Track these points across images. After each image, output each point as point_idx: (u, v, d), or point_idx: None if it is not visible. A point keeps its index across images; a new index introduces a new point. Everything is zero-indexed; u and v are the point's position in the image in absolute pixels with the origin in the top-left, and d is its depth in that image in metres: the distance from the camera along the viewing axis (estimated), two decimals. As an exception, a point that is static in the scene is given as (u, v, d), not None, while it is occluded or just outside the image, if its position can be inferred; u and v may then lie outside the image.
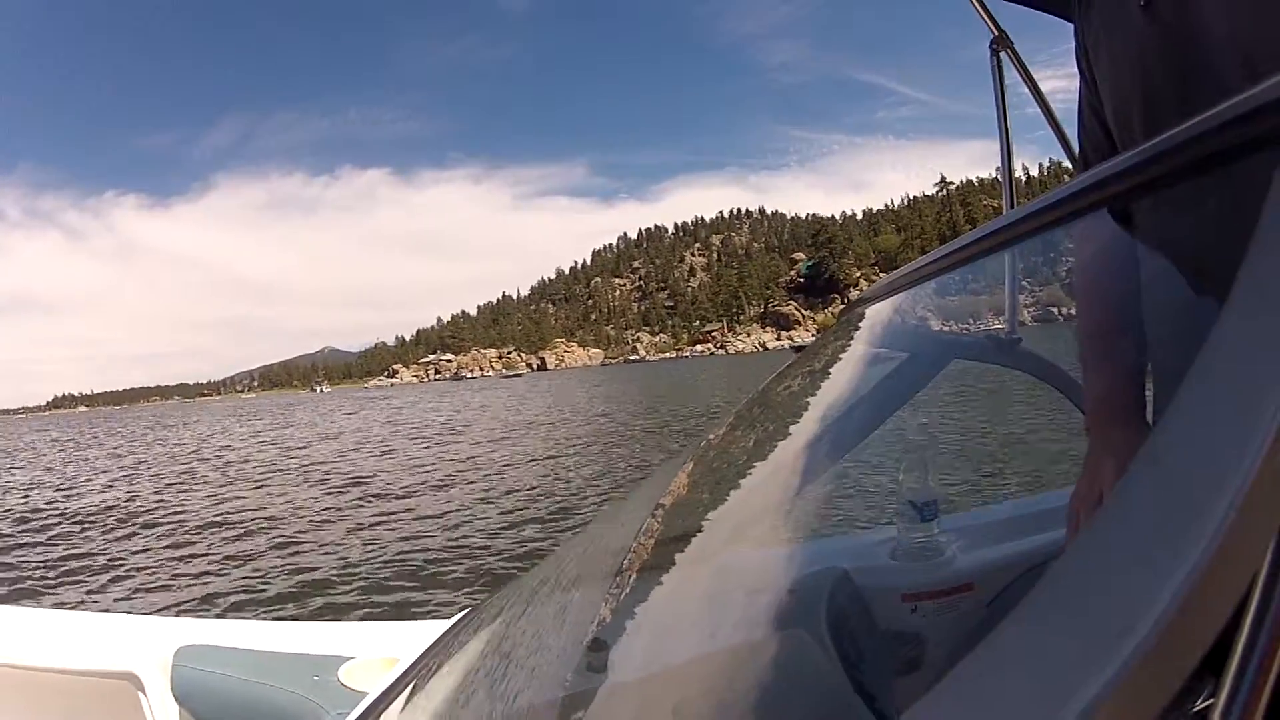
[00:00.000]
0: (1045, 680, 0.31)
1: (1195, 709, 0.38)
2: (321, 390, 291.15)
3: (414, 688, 1.43)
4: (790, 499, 1.21)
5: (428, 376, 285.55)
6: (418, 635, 1.82)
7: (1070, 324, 1.28)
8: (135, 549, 10.90)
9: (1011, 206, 2.19)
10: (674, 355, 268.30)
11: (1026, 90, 2.17)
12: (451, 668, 1.40)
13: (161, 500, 15.62)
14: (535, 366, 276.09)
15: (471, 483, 14.58)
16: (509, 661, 1.22)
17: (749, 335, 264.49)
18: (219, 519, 12.85)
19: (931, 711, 0.39)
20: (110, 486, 18.64)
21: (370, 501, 13.39)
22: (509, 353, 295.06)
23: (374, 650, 2.01)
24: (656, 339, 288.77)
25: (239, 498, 15.18)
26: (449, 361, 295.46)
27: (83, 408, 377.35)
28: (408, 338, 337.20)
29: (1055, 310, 1.61)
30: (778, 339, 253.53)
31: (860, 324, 1.32)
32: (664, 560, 1.14)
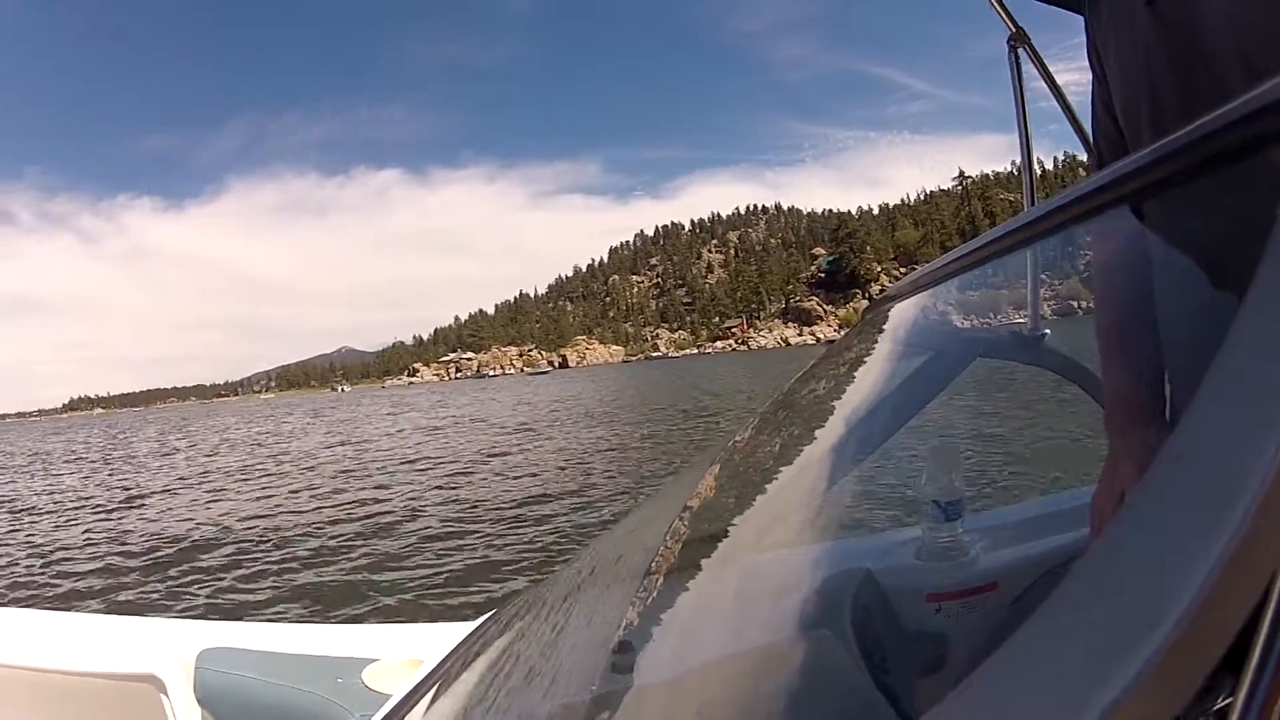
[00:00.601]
0: (1068, 679, 0.31)
1: (1215, 707, 0.38)
2: (342, 390, 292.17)
3: (438, 690, 1.43)
4: (815, 499, 1.21)
5: (449, 375, 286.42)
6: (442, 637, 1.83)
7: (1090, 318, 1.28)
8: (160, 551, 10.96)
9: (1032, 202, 2.18)
10: (696, 352, 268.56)
11: (1042, 84, 2.16)
12: (476, 670, 1.40)
13: (184, 502, 15.73)
14: (557, 364, 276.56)
15: (497, 482, 14.60)
16: (534, 664, 1.23)
17: (771, 331, 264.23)
18: (243, 520, 12.92)
19: (955, 712, 0.39)
20: (133, 489, 18.76)
21: (395, 501, 13.41)
22: (529, 350, 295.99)
23: (398, 652, 2.03)
24: (675, 336, 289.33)
25: (261, 499, 15.26)
26: (469, 360, 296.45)
27: (99, 410, 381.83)
28: (425, 337, 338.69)
29: (1075, 304, 1.61)
30: (800, 335, 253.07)
31: (884, 322, 1.32)
32: (690, 562, 1.14)
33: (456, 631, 1.75)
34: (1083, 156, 1.72)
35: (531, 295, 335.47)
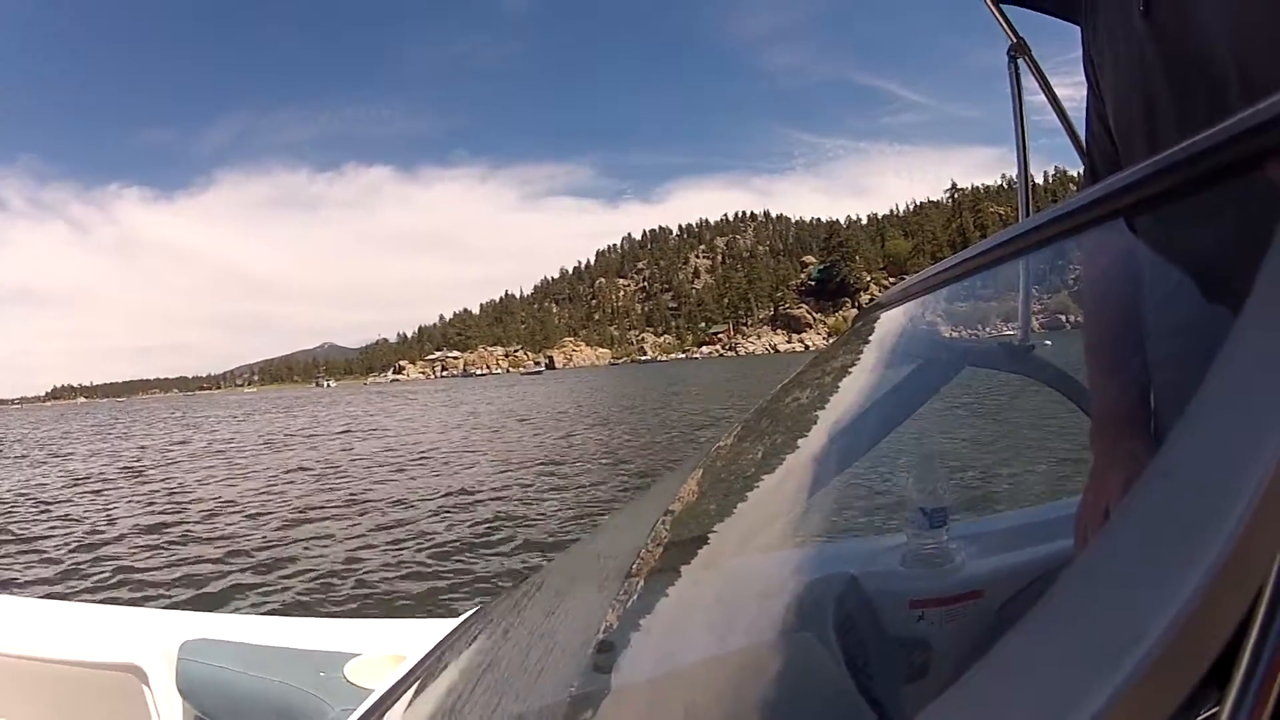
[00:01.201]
0: (1052, 689, 0.31)
1: (1199, 718, 0.39)
2: (327, 385, 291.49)
3: (420, 686, 1.43)
4: (800, 504, 1.21)
5: (434, 373, 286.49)
6: (425, 633, 1.82)
7: (1079, 332, 1.28)
8: (143, 541, 10.92)
9: (1027, 213, 2.18)
10: (684, 356, 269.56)
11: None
12: (458, 666, 1.40)
13: (171, 493, 15.66)
14: (544, 365, 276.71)
15: (485, 479, 14.57)
16: (516, 662, 1.23)
17: (760, 338, 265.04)
18: (225, 513, 12.89)
19: (940, 718, 0.39)
20: (119, 480, 18.67)
21: (381, 498, 13.38)
22: (515, 351, 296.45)
23: (380, 647, 2.02)
24: (661, 340, 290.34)
25: (245, 492, 15.20)
26: (455, 359, 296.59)
27: (81, 399, 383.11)
28: (410, 335, 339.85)
29: (1064, 318, 1.61)
30: (789, 342, 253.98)
31: (873, 330, 1.33)
32: (672, 564, 1.14)
33: (439, 628, 1.75)
34: (1074, 171, 1.73)
35: (517, 296, 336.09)
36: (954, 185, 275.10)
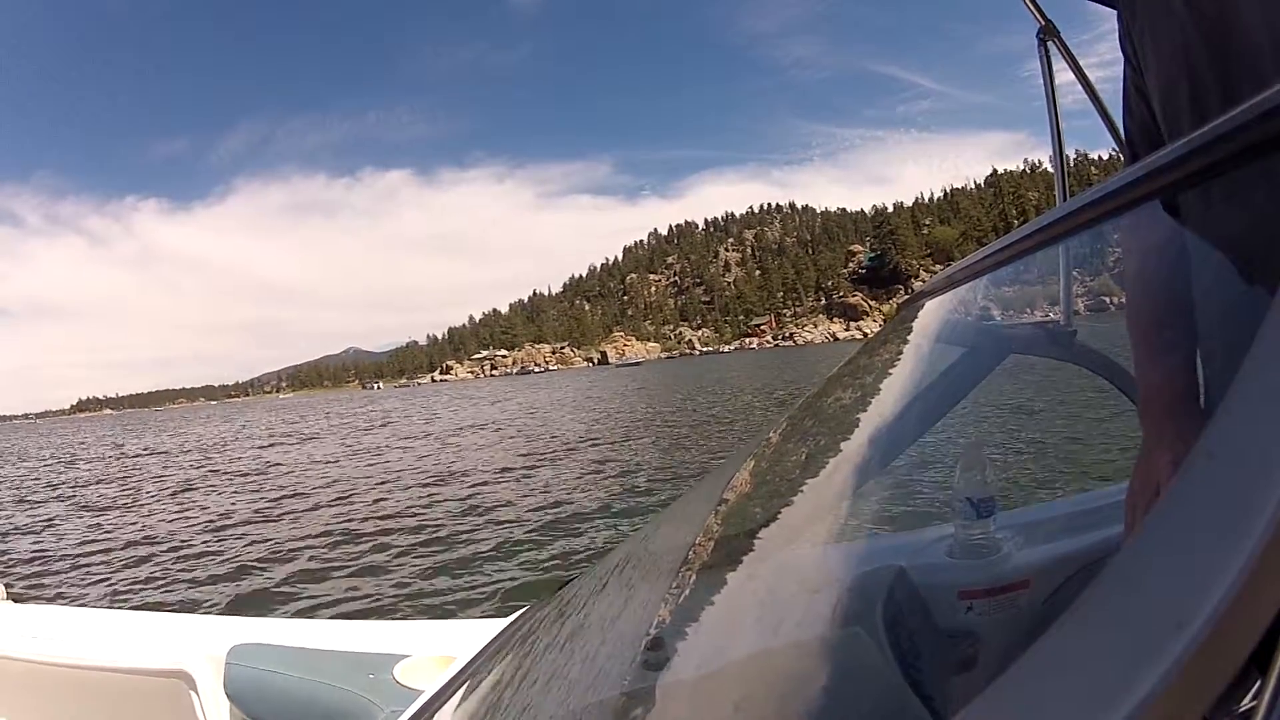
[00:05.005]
0: (1099, 677, 0.31)
1: (1240, 708, 0.38)
2: (376, 388, 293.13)
3: (470, 686, 1.44)
4: (848, 496, 1.21)
5: (483, 373, 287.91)
6: (475, 633, 1.83)
7: (1123, 314, 1.27)
8: (193, 548, 11.07)
9: (1065, 197, 2.15)
10: (737, 347, 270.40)
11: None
12: (508, 666, 1.41)
13: (219, 498, 15.86)
14: (594, 361, 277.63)
15: (538, 480, 14.57)
16: (566, 660, 1.23)
17: (816, 326, 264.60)
18: (275, 517, 13.04)
19: (987, 710, 0.39)
20: (169, 487, 18.92)
21: (429, 498, 13.45)
22: (562, 348, 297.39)
23: (430, 649, 2.03)
24: (698, 333, 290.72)
25: (293, 495, 15.36)
26: (504, 357, 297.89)
27: (108, 411, 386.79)
28: (440, 336, 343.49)
29: (1107, 300, 1.59)
30: (847, 329, 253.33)
31: (918, 318, 1.32)
32: (723, 559, 1.14)
33: (489, 628, 1.76)
34: (1095, 154, 1.71)
35: (546, 294, 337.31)
36: (994, 171, 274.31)
